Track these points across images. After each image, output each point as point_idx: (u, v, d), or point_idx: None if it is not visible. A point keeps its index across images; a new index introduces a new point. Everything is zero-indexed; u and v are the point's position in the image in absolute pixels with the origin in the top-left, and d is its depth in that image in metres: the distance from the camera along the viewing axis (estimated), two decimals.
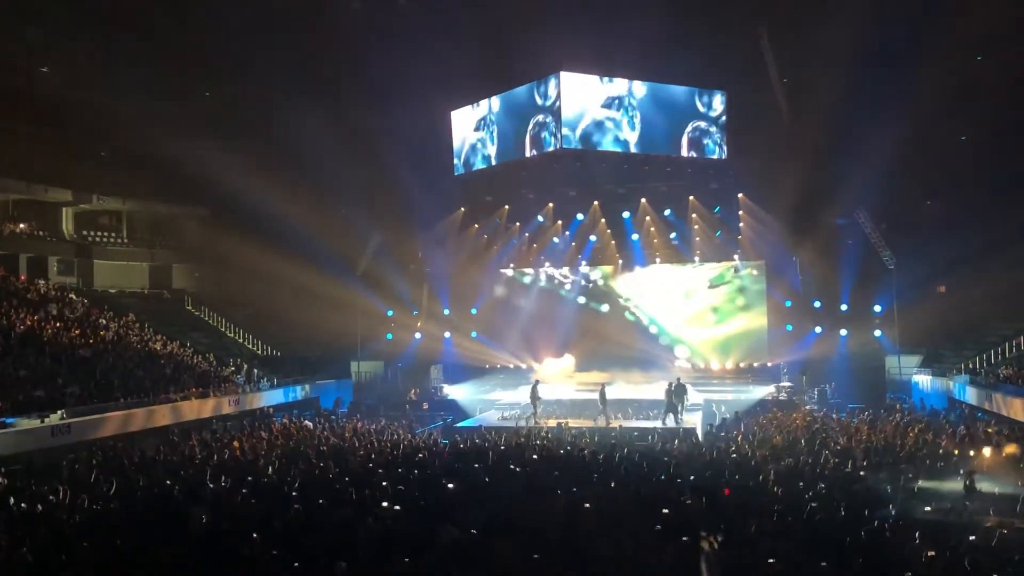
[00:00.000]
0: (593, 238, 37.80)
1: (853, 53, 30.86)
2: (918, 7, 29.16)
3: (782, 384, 32.03)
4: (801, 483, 14.38)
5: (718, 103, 31.45)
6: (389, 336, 38.90)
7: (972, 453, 16.77)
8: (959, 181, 33.60)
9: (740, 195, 34.45)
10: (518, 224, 38.08)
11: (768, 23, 30.99)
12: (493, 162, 32.90)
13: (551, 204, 36.57)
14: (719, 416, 27.92)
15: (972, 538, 10.36)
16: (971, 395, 26.27)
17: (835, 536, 10.42)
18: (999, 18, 28.65)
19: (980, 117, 32.18)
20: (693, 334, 37.21)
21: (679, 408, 26.28)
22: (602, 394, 26.98)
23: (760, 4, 30.46)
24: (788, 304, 35.28)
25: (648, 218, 36.17)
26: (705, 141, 31.36)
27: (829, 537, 10.40)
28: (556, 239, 38.49)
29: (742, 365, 36.29)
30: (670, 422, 25.43)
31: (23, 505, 13.49)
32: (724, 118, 31.45)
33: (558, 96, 29.67)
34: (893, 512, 11.98)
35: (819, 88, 31.87)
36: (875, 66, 31.21)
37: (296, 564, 9.69)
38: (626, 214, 36.21)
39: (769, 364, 35.19)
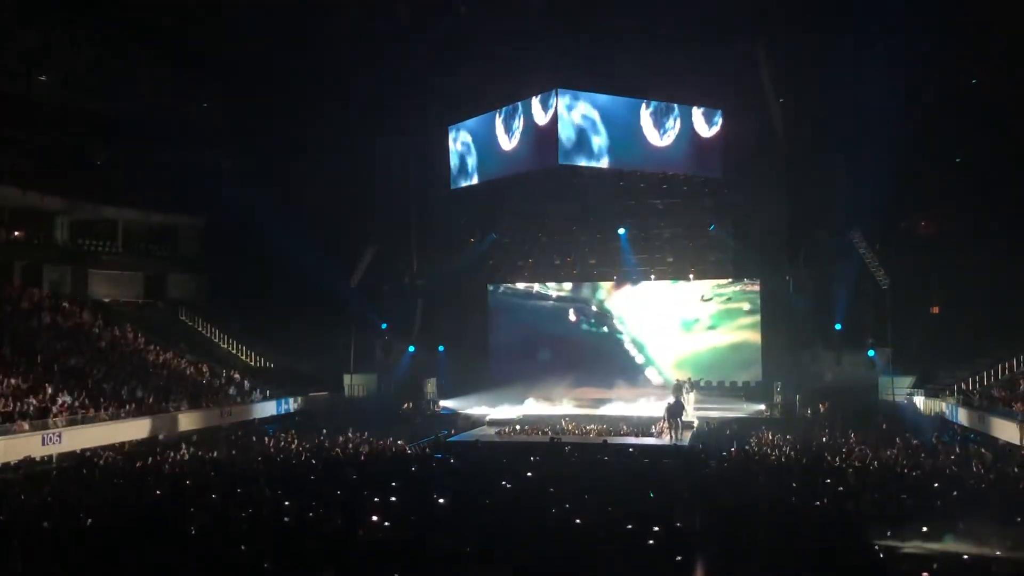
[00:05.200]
0: (588, 254, 37.87)
1: (848, 73, 31.16)
2: (914, 27, 29.37)
3: (775, 402, 32.00)
4: (794, 499, 14.36)
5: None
6: (385, 347, 38.88)
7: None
8: (954, 202, 33.78)
9: (735, 213, 34.55)
10: (514, 239, 38.10)
11: (765, 43, 31.24)
12: (489, 176, 32.97)
13: (547, 219, 36.63)
14: (712, 433, 27.88)
15: (965, 557, 10.35)
16: (963, 417, 26.28)
17: (829, 555, 10.40)
18: (994, 39, 29.00)
19: (975, 138, 32.42)
20: (687, 351, 37.20)
21: (678, 423, 26.51)
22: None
23: (757, 24, 30.70)
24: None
25: (643, 235, 36.24)
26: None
27: (823, 556, 10.38)
28: (551, 254, 38.53)
29: (738, 383, 36.33)
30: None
31: (13, 514, 13.40)
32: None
33: (556, 112, 29.76)
34: (888, 533, 11.95)
35: (814, 107, 32.15)
36: (870, 86, 31.42)
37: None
38: (621, 230, 36.27)
39: (762, 381, 35.19)
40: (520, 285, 40.17)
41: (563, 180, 32.59)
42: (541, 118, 30.68)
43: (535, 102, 30.68)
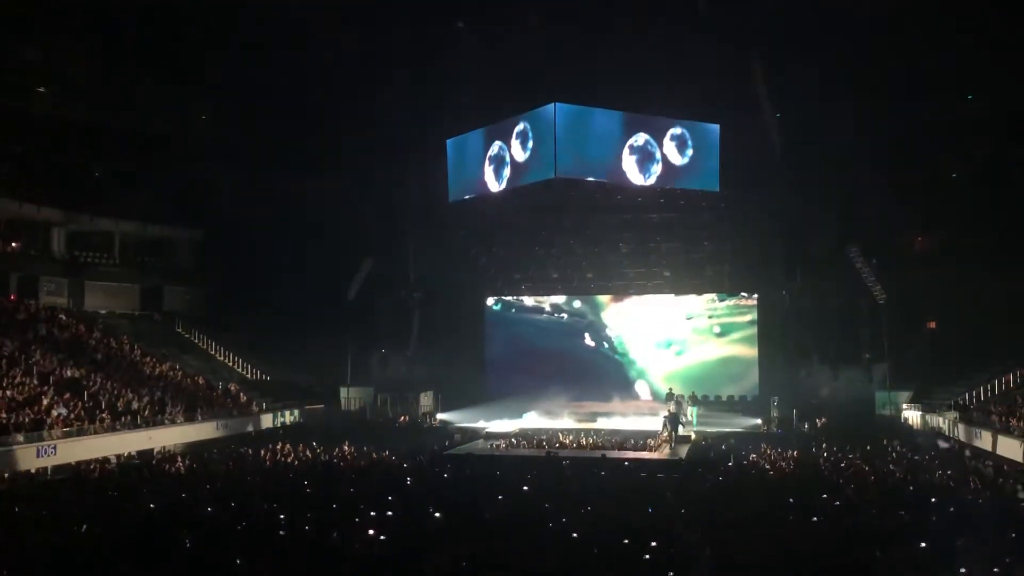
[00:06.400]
0: (586, 268, 37.92)
1: (846, 88, 31.29)
2: (911, 44, 29.56)
3: (772, 417, 31.95)
4: (791, 517, 14.32)
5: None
6: (382, 360, 38.88)
7: None
8: (950, 217, 33.87)
9: (732, 227, 34.57)
10: (511, 252, 38.12)
11: (762, 57, 31.35)
12: (487, 189, 33.00)
13: (544, 232, 36.66)
14: (709, 448, 27.82)
15: (963, 571, 10.33)
16: (960, 431, 26.29)
17: (825, 571, 10.37)
18: (988, 57, 29.18)
19: (971, 154, 32.56)
20: (684, 365, 37.20)
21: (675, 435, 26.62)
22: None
23: (754, 38, 30.83)
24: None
25: (640, 249, 36.26)
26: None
27: (819, 572, 10.35)
28: (549, 268, 38.55)
29: (735, 397, 36.34)
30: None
31: (6, 526, 13.34)
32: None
33: (553, 125, 29.81)
34: (879, 551, 11.92)
35: (811, 122, 32.25)
36: (868, 102, 31.57)
37: None
38: (620, 244, 36.29)
39: (759, 396, 35.17)
40: (517, 298, 40.24)
41: (561, 192, 32.58)
42: (520, 155, 31.14)
43: (515, 143, 31.02)
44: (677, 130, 30.87)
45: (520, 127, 30.85)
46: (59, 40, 33.68)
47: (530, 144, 30.26)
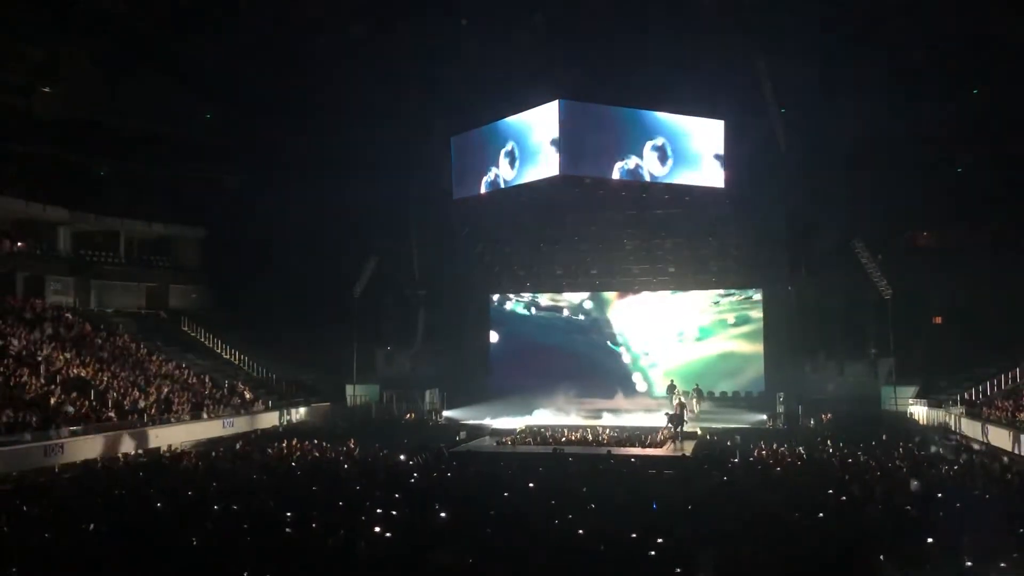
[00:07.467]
0: (590, 264, 37.89)
1: (851, 83, 31.23)
2: (916, 40, 29.49)
3: (778, 412, 31.90)
4: (798, 515, 14.29)
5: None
6: (387, 357, 38.94)
7: None
8: (955, 211, 33.79)
9: (737, 223, 34.54)
10: (516, 249, 38.12)
11: (767, 53, 31.30)
12: (492, 187, 33.07)
13: (549, 229, 36.64)
14: (714, 444, 27.80)
15: (969, 564, 10.31)
16: (966, 427, 26.23)
17: (831, 567, 10.36)
18: (994, 53, 29.11)
19: (977, 149, 32.49)
20: (689, 361, 37.18)
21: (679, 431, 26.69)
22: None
23: (759, 34, 30.79)
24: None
25: (645, 245, 36.22)
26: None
27: (824, 569, 10.34)
28: (553, 265, 38.53)
29: (740, 393, 36.30)
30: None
31: (13, 525, 13.37)
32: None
33: (558, 122, 29.85)
34: (885, 547, 11.89)
35: (816, 117, 32.20)
36: (873, 96, 31.50)
37: None
38: (624, 241, 36.27)
39: (765, 392, 35.14)
40: (522, 296, 40.25)
41: (566, 189, 32.61)
42: (509, 174, 31.53)
43: (503, 163, 31.47)
44: (658, 141, 31.05)
45: (508, 147, 31.28)
46: (63, 39, 33.79)
47: (517, 164, 30.83)
